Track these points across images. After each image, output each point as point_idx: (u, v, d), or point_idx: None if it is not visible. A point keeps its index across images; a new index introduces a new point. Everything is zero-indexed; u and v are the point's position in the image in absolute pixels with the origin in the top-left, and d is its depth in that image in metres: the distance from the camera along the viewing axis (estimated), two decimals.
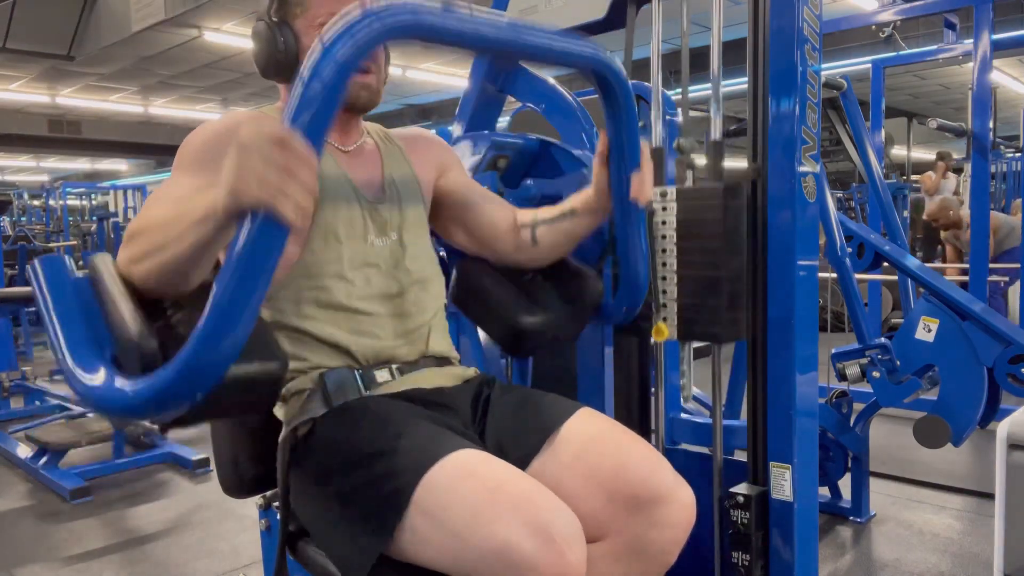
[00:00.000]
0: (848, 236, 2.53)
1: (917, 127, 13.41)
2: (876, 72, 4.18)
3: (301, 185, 0.77)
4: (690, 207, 1.40)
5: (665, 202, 1.43)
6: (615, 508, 1.10)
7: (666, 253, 1.44)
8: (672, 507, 1.09)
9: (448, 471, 0.99)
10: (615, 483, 1.10)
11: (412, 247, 1.31)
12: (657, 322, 1.44)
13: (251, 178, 0.76)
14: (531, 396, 1.26)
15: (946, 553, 2.34)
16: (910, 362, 2.33)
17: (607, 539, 1.11)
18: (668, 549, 1.11)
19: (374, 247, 1.26)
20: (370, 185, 1.30)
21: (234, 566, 2.40)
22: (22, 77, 11.20)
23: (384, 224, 1.28)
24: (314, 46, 0.81)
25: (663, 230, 1.43)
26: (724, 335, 1.39)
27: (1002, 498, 1.28)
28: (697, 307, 1.40)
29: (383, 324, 1.24)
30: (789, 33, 1.33)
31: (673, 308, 1.44)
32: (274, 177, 0.76)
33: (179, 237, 0.91)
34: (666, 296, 1.44)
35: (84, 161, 19.91)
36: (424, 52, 10.24)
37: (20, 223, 12.25)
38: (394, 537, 1.00)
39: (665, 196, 1.43)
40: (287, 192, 0.76)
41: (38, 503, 3.06)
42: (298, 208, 0.77)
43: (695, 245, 1.40)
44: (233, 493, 1.31)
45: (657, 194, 1.43)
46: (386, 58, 1.32)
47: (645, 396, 1.96)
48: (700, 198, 1.39)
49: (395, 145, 1.39)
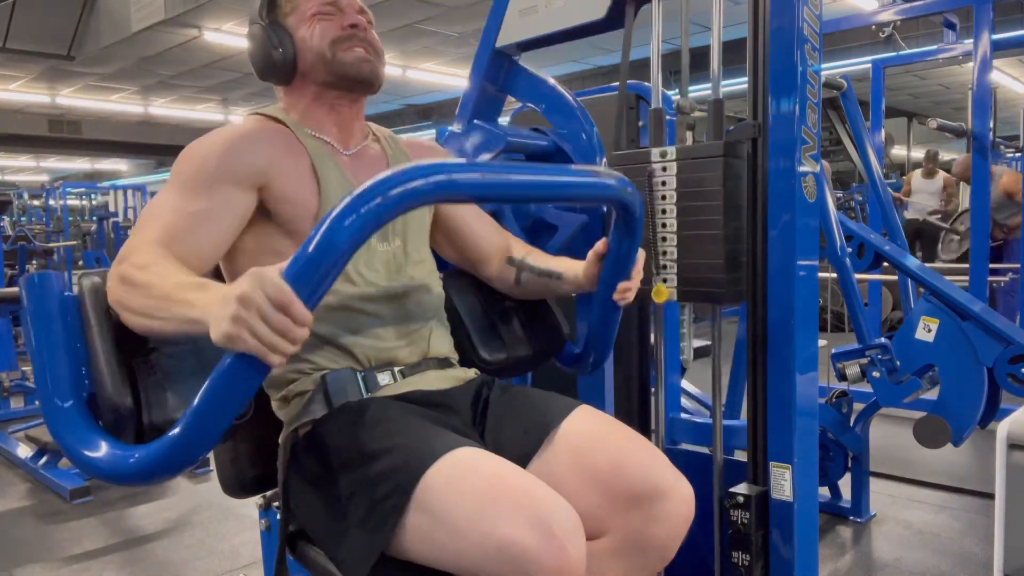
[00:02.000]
0: (848, 236, 2.53)
1: (917, 127, 13.43)
2: (876, 72, 4.18)
3: (292, 342, 0.80)
4: (690, 166, 1.40)
5: (665, 162, 1.43)
6: (614, 505, 1.10)
7: (666, 214, 1.43)
8: (671, 502, 1.10)
9: (448, 468, 0.99)
10: (613, 480, 1.10)
11: (415, 253, 1.31)
12: (657, 283, 1.45)
13: (246, 333, 0.79)
14: (529, 395, 1.27)
15: (946, 553, 2.33)
16: (910, 362, 2.33)
17: (607, 536, 1.12)
18: (667, 544, 1.12)
19: (377, 251, 1.26)
20: None
21: (234, 566, 2.40)
22: (22, 77, 11.22)
23: (387, 230, 1.28)
24: (328, 213, 0.82)
25: (662, 191, 1.43)
26: (724, 295, 1.39)
27: (1002, 498, 1.28)
28: (697, 267, 1.40)
29: (385, 325, 1.24)
30: (789, 33, 1.34)
31: (673, 269, 1.43)
32: (269, 337, 0.79)
33: (166, 319, 0.94)
34: (666, 257, 1.44)
35: (84, 161, 19.92)
36: (424, 52, 10.26)
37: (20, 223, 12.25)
38: (394, 535, 1.00)
39: (665, 156, 1.43)
40: (280, 350, 0.80)
41: (38, 503, 3.06)
42: (285, 356, 0.81)
43: (695, 204, 1.40)
44: (233, 493, 1.31)
45: (656, 154, 1.44)
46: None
47: (645, 396, 1.97)
48: (700, 156, 1.39)
49: (402, 151, 1.40)
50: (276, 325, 0.78)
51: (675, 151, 1.42)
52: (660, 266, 1.44)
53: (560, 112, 1.73)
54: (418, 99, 13.70)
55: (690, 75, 1.54)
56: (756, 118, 1.40)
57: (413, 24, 8.92)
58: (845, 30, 4.21)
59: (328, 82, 1.26)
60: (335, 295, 1.20)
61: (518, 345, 1.48)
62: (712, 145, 1.38)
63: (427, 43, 9.84)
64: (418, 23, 8.92)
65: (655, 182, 1.44)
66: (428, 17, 8.71)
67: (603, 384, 1.73)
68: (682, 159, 1.41)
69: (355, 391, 1.18)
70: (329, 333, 1.20)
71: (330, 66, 1.24)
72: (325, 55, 1.24)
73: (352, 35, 1.26)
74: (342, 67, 1.24)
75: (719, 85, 1.44)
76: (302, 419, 1.16)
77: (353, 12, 1.28)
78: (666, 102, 1.70)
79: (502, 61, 1.77)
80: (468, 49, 9.36)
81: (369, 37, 1.28)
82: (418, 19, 8.76)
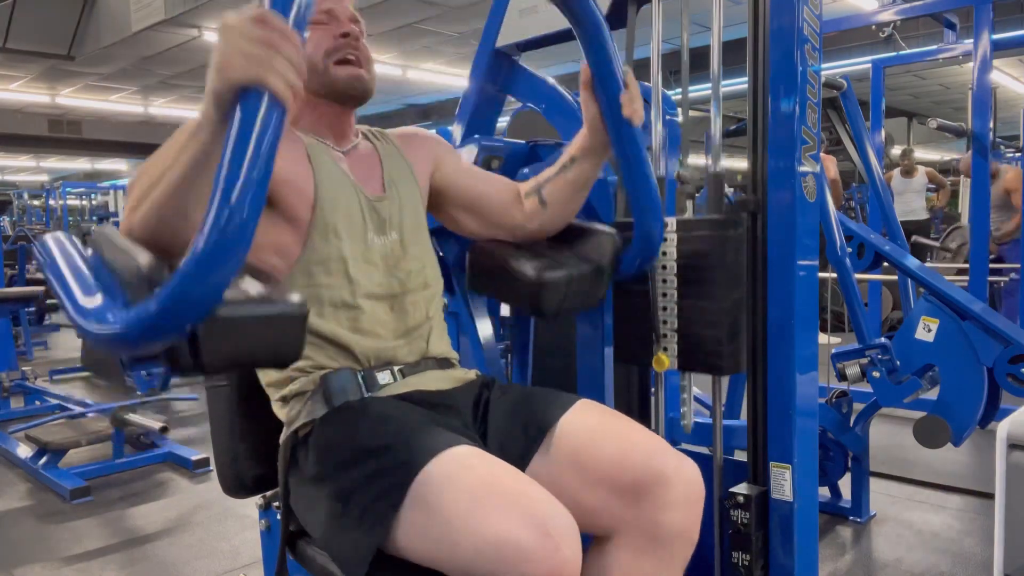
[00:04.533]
0: (848, 236, 2.53)
1: (917, 127, 13.42)
2: (876, 72, 4.18)
3: (286, 59, 0.77)
4: (690, 239, 1.42)
5: (666, 232, 1.44)
6: (620, 498, 1.09)
7: (667, 284, 1.45)
8: (677, 486, 1.08)
9: (445, 465, 0.99)
10: (616, 472, 1.09)
11: (413, 247, 1.31)
12: (658, 352, 1.45)
13: (235, 55, 0.76)
14: (528, 394, 1.26)
15: (946, 553, 2.33)
16: (910, 362, 2.33)
17: (621, 533, 1.10)
18: (686, 528, 1.09)
19: (373, 245, 1.26)
20: (370, 183, 1.31)
21: (234, 566, 2.40)
22: (22, 77, 11.21)
23: (383, 223, 1.28)
24: None
25: (663, 260, 1.45)
26: (724, 367, 1.40)
27: (1002, 498, 1.28)
28: (697, 337, 1.40)
29: (384, 322, 1.24)
30: (789, 33, 1.34)
31: (673, 339, 1.45)
32: (258, 51, 0.76)
33: (174, 162, 0.90)
34: (667, 327, 1.45)
35: (84, 161, 19.90)
36: (424, 52, 10.25)
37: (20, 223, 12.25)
38: (391, 532, 1.00)
39: (666, 227, 1.43)
40: (273, 66, 0.76)
41: (38, 503, 3.06)
42: (288, 84, 0.77)
43: (695, 276, 1.41)
44: (233, 493, 1.31)
45: None
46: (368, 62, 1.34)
47: (645, 395, 1.96)
48: (700, 231, 1.40)
49: (392, 144, 1.40)
50: (261, 37, 0.76)
51: (675, 223, 1.43)
52: (661, 335, 1.45)
53: (560, 112, 1.72)
54: (418, 99, 13.69)
55: (690, 75, 1.54)
56: (756, 119, 1.40)
57: (413, 24, 8.92)
58: (845, 30, 4.21)
59: (320, 92, 1.28)
60: (334, 291, 1.20)
61: (575, 261, 1.37)
62: (712, 220, 1.39)
63: (427, 43, 9.83)
64: (418, 23, 8.92)
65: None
66: (428, 17, 8.70)
67: (603, 384, 1.73)
68: (682, 231, 1.43)
69: (355, 391, 1.18)
70: (328, 328, 1.20)
71: (323, 78, 1.26)
72: (319, 66, 1.25)
73: (344, 44, 1.27)
74: (335, 82, 1.27)
75: (719, 85, 1.44)
76: (302, 420, 1.16)
77: (347, 20, 1.29)
78: (666, 102, 1.70)
79: (502, 61, 1.77)
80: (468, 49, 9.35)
81: (360, 46, 1.29)
82: (418, 19, 8.76)
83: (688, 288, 1.42)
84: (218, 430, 1.30)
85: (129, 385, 4.85)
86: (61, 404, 4.22)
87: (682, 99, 1.59)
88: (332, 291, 1.20)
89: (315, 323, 1.20)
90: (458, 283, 1.71)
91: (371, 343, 1.22)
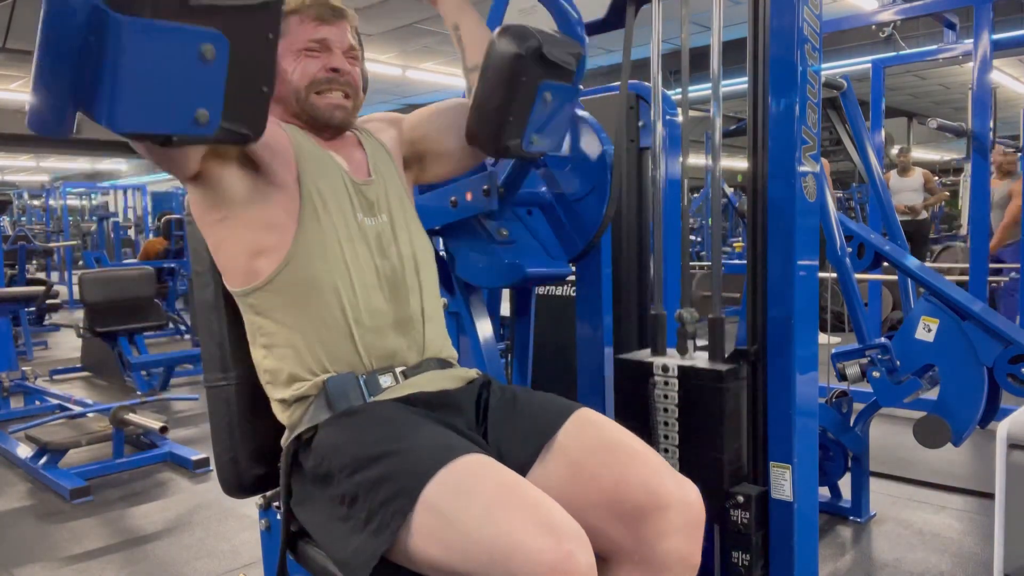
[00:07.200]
0: (848, 236, 2.53)
1: (917, 127, 13.42)
2: (876, 72, 4.18)
3: None
4: (691, 386, 1.44)
5: (667, 377, 1.46)
6: (619, 521, 1.07)
7: (668, 426, 1.47)
8: (678, 511, 1.06)
9: (460, 472, 0.99)
10: (615, 495, 1.08)
11: (402, 232, 1.31)
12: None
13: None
14: (525, 398, 1.25)
15: (946, 553, 2.33)
16: (910, 362, 2.33)
17: (621, 560, 1.08)
18: (687, 553, 1.07)
19: (365, 227, 1.26)
20: (357, 168, 1.32)
21: (234, 566, 2.40)
22: (22, 77, 11.22)
23: (372, 205, 1.29)
24: None
25: (664, 403, 1.47)
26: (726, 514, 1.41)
27: (1002, 498, 1.28)
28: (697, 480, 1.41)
29: (382, 312, 1.23)
30: (789, 33, 1.34)
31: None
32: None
33: None
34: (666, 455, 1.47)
35: (84, 161, 19.91)
36: (424, 52, 10.26)
37: (20, 223, 12.26)
38: (398, 537, 0.99)
39: (667, 371, 1.46)
40: None
41: (38, 503, 3.06)
42: None
43: (696, 423, 1.44)
44: (233, 493, 1.31)
45: (659, 367, 1.47)
46: (364, 83, 1.36)
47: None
48: (701, 380, 1.43)
49: (366, 131, 1.42)
50: None
51: (677, 368, 1.45)
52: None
53: None
54: (418, 99, 13.67)
55: (690, 75, 1.54)
56: (756, 119, 1.40)
57: (413, 24, 8.92)
58: (845, 30, 4.21)
59: (300, 118, 1.30)
60: (332, 276, 1.20)
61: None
62: (712, 372, 1.41)
63: (427, 43, 9.83)
64: (418, 23, 8.92)
65: (657, 394, 1.48)
66: (428, 17, 8.70)
67: (603, 384, 1.73)
68: (683, 378, 1.45)
69: (357, 395, 1.18)
70: (328, 330, 1.19)
71: (302, 105, 1.28)
72: (300, 94, 1.28)
73: (332, 79, 1.28)
74: (313, 111, 1.29)
75: (719, 85, 1.44)
76: (305, 425, 1.16)
77: (339, 54, 1.30)
78: (666, 101, 1.70)
79: None
80: None
81: (351, 80, 1.30)
82: (418, 19, 8.76)
83: (689, 433, 1.45)
84: (218, 430, 1.30)
85: (129, 385, 4.85)
86: (61, 404, 4.21)
87: (682, 99, 1.58)
88: (330, 276, 1.19)
89: (315, 324, 1.19)
90: (458, 283, 1.71)
91: (371, 341, 1.21)
